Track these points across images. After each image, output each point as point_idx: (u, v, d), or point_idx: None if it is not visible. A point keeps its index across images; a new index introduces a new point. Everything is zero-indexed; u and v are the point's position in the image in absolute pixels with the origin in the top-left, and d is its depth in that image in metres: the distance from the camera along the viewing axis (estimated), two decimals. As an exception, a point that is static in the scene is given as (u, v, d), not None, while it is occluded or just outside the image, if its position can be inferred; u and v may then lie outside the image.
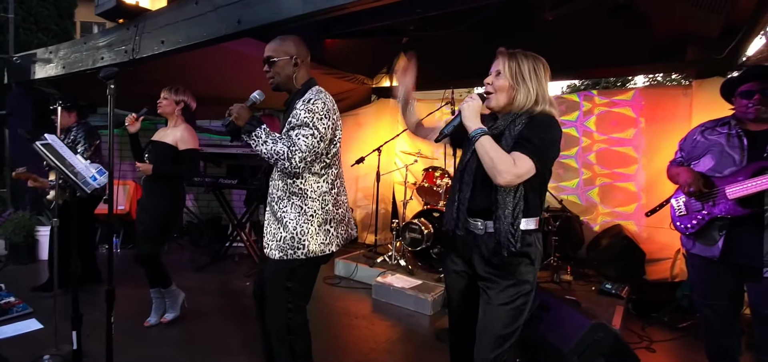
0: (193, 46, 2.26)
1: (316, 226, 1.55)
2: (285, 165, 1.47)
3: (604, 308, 2.63)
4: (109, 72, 1.47)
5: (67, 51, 3.08)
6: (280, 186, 1.58)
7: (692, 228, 1.83)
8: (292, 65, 1.59)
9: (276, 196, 1.59)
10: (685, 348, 2.45)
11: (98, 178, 1.77)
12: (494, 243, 1.31)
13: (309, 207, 1.54)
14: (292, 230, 1.53)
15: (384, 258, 3.57)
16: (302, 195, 1.54)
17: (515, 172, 1.23)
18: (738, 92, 1.77)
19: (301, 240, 1.53)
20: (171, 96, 2.49)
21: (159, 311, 2.58)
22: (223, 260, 3.99)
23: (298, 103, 1.54)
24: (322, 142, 1.51)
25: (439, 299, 2.92)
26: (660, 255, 3.21)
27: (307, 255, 1.53)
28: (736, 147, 1.74)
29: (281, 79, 1.59)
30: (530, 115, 1.33)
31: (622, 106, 3.58)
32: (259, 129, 1.49)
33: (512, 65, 1.35)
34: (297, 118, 1.51)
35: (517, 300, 1.32)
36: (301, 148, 1.46)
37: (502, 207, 1.29)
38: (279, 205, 1.57)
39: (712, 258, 1.77)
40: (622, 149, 3.57)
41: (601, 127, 3.68)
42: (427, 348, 2.42)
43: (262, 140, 1.48)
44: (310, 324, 1.68)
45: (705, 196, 1.79)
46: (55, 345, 2.13)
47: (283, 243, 1.54)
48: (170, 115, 2.52)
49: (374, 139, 4.34)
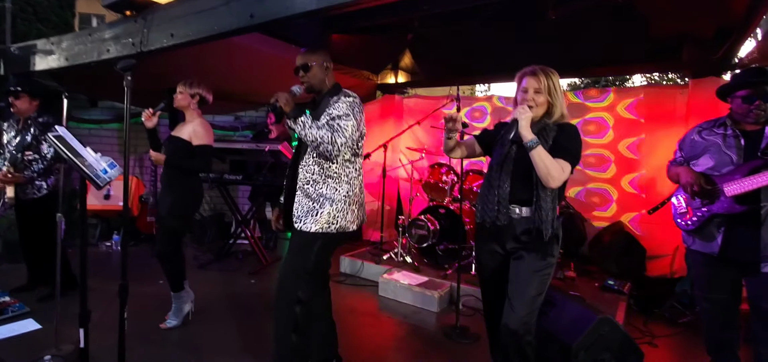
0: (203, 39, 2.24)
1: (346, 206, 1.78)
2: (328, 148, 1.68)
3: (607, 304, 2.68)
4: (126, 64, 1.46)
5: (71, 42, 3.03)
6: (316, 170, 1.78)
7: (692, 224, 1.89)
8: (324, 70, 1.85)
9: (311, 179, 1.78)
10: (685, 343, 2.51)
11: (109, 172, 1.75)
12: (528, 225, 1.58)
13: (342, 189, 1.78)
14: (329, 208, 1.75)
15: (390, 256, 3.59)
16: (337, 178, 1.77)
17: (563, 178, 1.54)
18: (738, 96, 1.82)
19: (335, 216, 1.75)
20: (186, 89, 2.49)
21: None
22: (227, 257, 3.97)
23: (339, 98, 1.77)
24: (358, 132, 1.77)
25: (445, 296, 2.95)
26: (659, 251, 3.27)
27: (339, 230, 1.76)
28: (732, 146, 1.80)
29: (315, 82, 1.84)
30: (558, 125, 1.61)
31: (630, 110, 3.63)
32: (304, 116, 1.69)
33: (548, 83, 1.61)
34: (338, 109, 1.74)
35: (545, 270, 1.60)
36: (344, 134, 1.69)
37: (543, 200, 1.56)
38: (315, 187, 1.77)
39: (712, 254, 1.83)
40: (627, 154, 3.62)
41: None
42: (434, 344, 2.44)
43: (308, 125, 1.68)
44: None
45: (707, 194, 1.84)
46: (56, 346, 2.08)
47: (320, 218, 1.74)
48: (186, 109, 2.52)
49: (379, 135, 4.35)
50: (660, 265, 3.25)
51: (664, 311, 2.77)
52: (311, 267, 1.76)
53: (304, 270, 1.76)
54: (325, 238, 1.76)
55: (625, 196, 3.54)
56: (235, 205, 4.14)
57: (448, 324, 2.61)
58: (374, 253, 3.74)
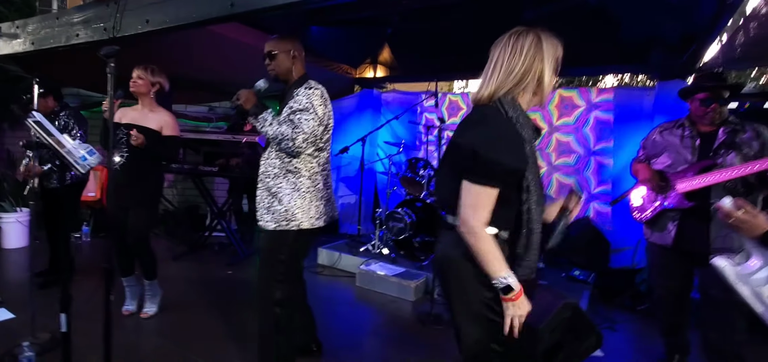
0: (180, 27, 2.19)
1: (307, 202, 1.71)
2: (289, 145, 1.62)
3: (572, 292, 2.84)
4: (110, 50, 1.42)
5: (37, 26, 2.88)
6: (277, 164, 1.71)
7: (646, 217, 2.04)
8: (291, 59, 1.77)
9: (272, 173, 1.72)
10: (643, 327, 2.70)
11: (89, 159, 1.72)
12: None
13: (302, 184, 1.70)
14: (286, 204, 1.69)
15: (367, 247, 3.65)
16: (297, 173, 1.70)
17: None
18: (696, 98, 1.96)
19: (294, 213, 1.69)
20: (147, 76, 2.40)
21: (135, 298, 2.54)
22: (203, 250, 3.92)
23: (300, 91, 1.67)
24: (321, 126, 1.68)
25: (421, 286, 3.03)
26: (623, 245, 3.47)
27: (299, 227, 1.69)
28: (688, 146, 1.94)
29: (280, 70, 1.77)
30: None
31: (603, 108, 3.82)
32: (265, 112, 1.65)
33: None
34: (299, 103, 1.67)
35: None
36: (304, 130, 1.62)
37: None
38: (274, 181, 1.71)
39: (666, 246, 1.97)
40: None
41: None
42: (410, 331, 2.52)
43: (269, 122, 1.65)
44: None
45: (662, 190, 1.98)
46: (32, 334, 2.05)
47: (278, 215, 1.69)
48: (144, 97, 2.42)
49: (357, 128, 4.38)
50: (623, 258, 3.46)
51: (625, 299, 2.95)
52: (282, 270, 1.72)
53: (274, 278, 1.72)
54: (287, 238, 1.70)
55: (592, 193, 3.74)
56: (211, 197, 4.08)
57: (423, 312, 2.70)
58: (352, 245, 3.79)
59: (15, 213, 3.79)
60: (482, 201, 1.07)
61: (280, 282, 1.71)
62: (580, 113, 3.85)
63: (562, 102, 3.93)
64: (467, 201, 1.08)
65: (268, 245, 1.74)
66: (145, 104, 2.45)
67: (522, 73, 1.11)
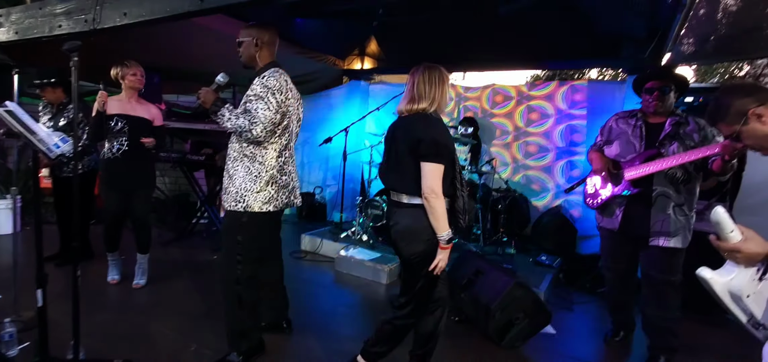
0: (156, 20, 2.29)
1: (258, 186, 1.76)
2: (248, 136, 1.69)
3: (537, 275, 3.00)
4: (72, 45, 1.52)
5: (20, 15, 2.94)
6: (236, 147, 1.80)
7: (597, 204, 2.18)
8: (254, 46, 1.81)
9: (232, 156, 1.81)
10: (597, 309, 2.86)
11: (61, 146, 1.82)
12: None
13: (254, 169, 1.77)
14: (238, 186, 1.77)
15: (348, 234, 3.78)
16: (251, 158, 1.77)
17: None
18: (644, 88, 2.09)
19: (243, 195, 1.76)
20: (141, 70, 2.63)
21: (119, 272, 2.81)
22: (191, 236, 4.05)
23: (256, 79, 1.75)
24: (278, 114, 1.72)
25: (395, 270, 3.18)
26: (593, 232, 3.63)
27: (247, 209, 1.76)
28: (637, 136, 2.07)
29: (245, 58, 1.84)
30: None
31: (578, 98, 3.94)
32: (223, 108, 1.72)
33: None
34: (253, 92, 1.72)
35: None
36: (260, 119, 1.68)
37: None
38: (232, 164, 1.81)
39: (613, 230, 2.12)
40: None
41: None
42: (380, 310, 2.67)
43: (226, 118, 1.73)
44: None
45: (614, 178, 2.12)
46: (16, 313, 2.15)
47: (230, 196, 1.79)
48: (136, 90, 2.62)
49: (345, 119, 4.47)
50: (593, 244, 3.61)
51: (586, 282, 3.12)
52: (240, 250, 1.78)
53: (233, 257, 1.79)
54: (238, 219, 1.75)
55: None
56: (198, 185, 4.19)
57: (394, 295, 2.83)
58: (334, 232, 3.92)
59: (4, 201, 3.90)
60: (439, 174, 1.52)
61: (239, 263, 1.79)
62: (554, 114, 3.99)
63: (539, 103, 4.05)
64: (432, 176, 1.50)
65: (226, 225, 1.84)
66: (131, 96, 2.59)
67: (440, 97, 1.63)
